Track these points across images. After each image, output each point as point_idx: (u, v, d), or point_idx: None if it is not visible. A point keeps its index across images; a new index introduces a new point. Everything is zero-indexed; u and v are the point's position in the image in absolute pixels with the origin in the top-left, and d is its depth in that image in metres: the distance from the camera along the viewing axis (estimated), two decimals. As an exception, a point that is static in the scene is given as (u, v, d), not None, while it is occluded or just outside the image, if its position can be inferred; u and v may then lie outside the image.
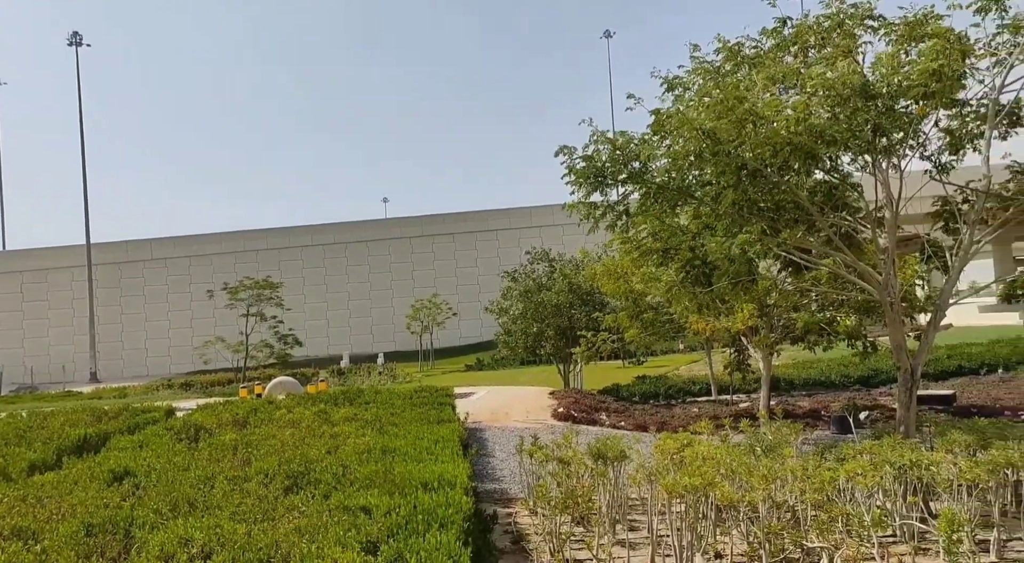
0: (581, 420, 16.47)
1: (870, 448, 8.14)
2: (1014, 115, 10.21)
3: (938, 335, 15.35)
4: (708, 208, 10.40)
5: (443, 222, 64.27)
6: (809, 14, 10.25)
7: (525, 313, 23.41)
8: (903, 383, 10.09)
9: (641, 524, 8.47)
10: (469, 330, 55.50)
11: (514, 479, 11.16)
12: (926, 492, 7.81)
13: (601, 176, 10.33)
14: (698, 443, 9.04)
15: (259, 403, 15.48)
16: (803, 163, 9.52)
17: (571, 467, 8.69)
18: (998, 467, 7.25)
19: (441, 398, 14.80)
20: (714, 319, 15.83)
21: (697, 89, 10.07)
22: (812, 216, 10.09)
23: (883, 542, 7.15)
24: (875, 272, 10.32)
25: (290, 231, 65.23)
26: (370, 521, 5.55)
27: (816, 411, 16.66)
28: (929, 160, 10.50)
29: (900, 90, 9.05)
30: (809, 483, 7.24)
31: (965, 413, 14.58)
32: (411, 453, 8.32)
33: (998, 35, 9.57)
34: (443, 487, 6.40)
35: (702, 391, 21.90)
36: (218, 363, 44.77)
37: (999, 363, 21.55)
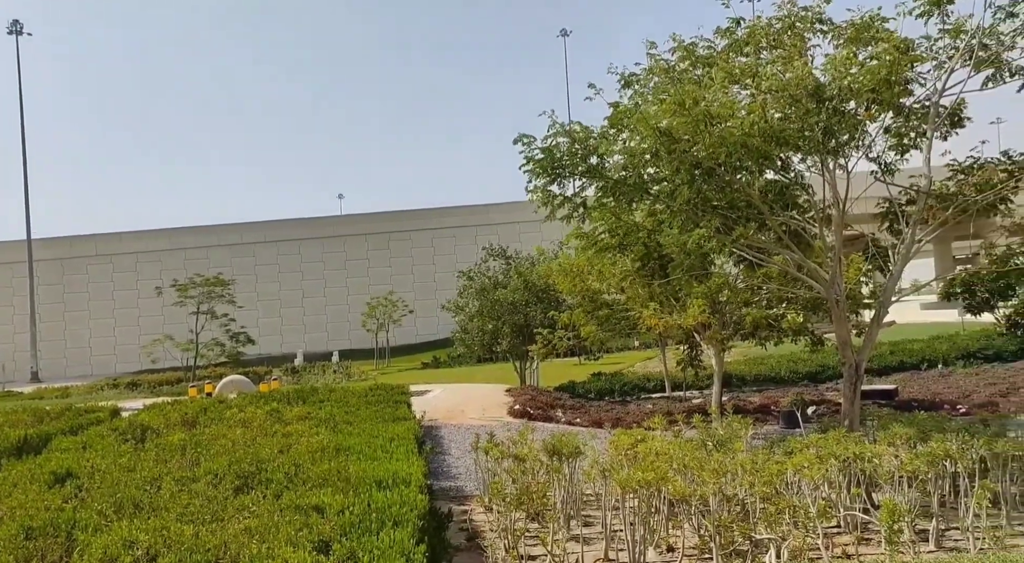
0: (537, 417, 16.54)
1: (816, 442, 8.34)
2: (955, 117, 10.58)
3: (881, 332, 15.82)
4: (663, 205, 10.54)
5: (400, 219, 63.84)
6: (762, 16, 10.47)
7: (481, 311, 23.40)
8: (848, 378, 10.38)
9: (596, 519, 8.55)
10: (426, 328, 55.27)
11: (470, 476, 11.15)
12: (869, 484, 8.04)
13: (559, 168, 10.38)
14: (652, 439, 9.16)
15: (209, 402, 15.15)
16: (756, 163, 9.72)
17: (526, 464, 8.73)
18: (937, 459, 7.50)
19: (397, 396, 14.66)
20: (667, 314, 16.05)
21: (653, 87, 10.19)
22: (763, 214, 10.31)
23: (828, 533, 7.34)
24: (822, 270, 10.58)
25: (242, 227, 64.03)
26: (323, 520, 5.47)
27: (766, 406, 17.02)
28: (875, 161, 10.81)
29: (849, 93, 9.30)
30: (758, 476, 7.39)
31: (906, 407, 15.06)
32: (366, 451, 8.23)
33: (939, 39, 9.91)
34: (398, 485, 6.35)
35: (656, 387, 22.19)
36: (167, 362, 43.78)
37: (938, 359, 22.30)
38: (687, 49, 10.47)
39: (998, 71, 9.94)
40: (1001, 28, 9.70)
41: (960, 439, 7.92)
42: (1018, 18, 9.56)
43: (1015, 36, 9.69)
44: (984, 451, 7.88)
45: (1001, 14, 9.63)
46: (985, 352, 22.41)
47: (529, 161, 10.47)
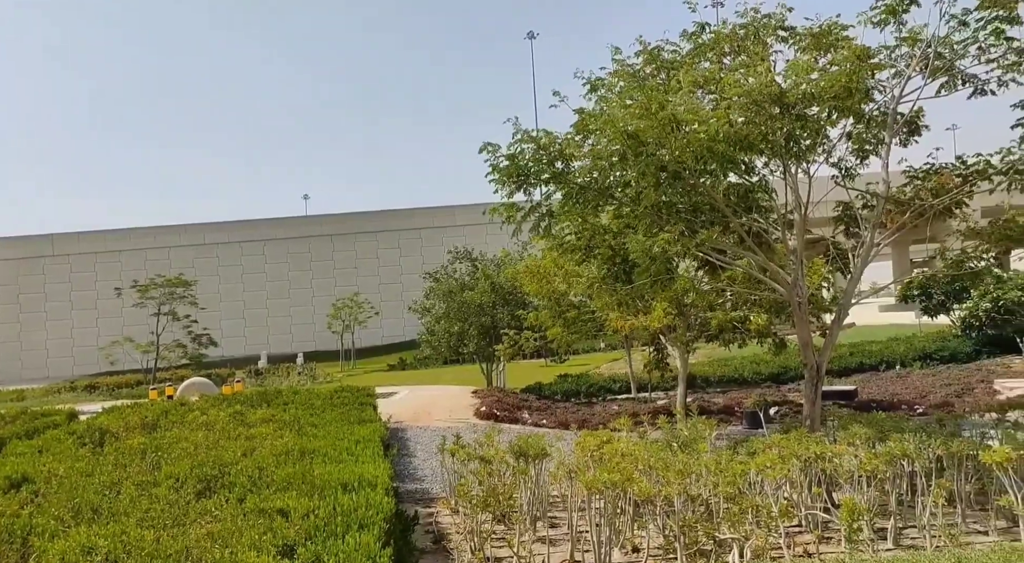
0: (504, 419, 16.54)
1: (779, 442, 8.48)
2: (913, 124, 10.86)
3: (842, 333, 16.12)
4: (629, 208, 10.63)
5: (366, 220, 63.39)
6: (726, 21, 10.62)
7: (448, 312, 23.36)
8: (809, 379, 10.57)
9: (562, 521, 8.58)
10: (392, 329, 54.94)
11: (436, 479, 11.11)
12: (829, 483, 8.20)
13: (524, 175, 10.40)
14: (617, 440, 9.22)
15: (170, 405, 14.89)
16: (721, 166, 9.85)
17: (493, 465, 8.73)
18: (895, 458, 7.68)
19: (362, 398, 14.59)
20: (633, 317, 16.19)
21: (619, 91, 10.27)
22: (727, 218, 10.45)
23: (790, 532, 7.47)
24: (785, 273, 10.77)
25: (205, 227, 63.02)
26: (287, 524, 5.42)
27: (730, 407, 17.25)
28: (836, 167, 11.04)
29: (811, 98, 9.48)
30: (722, 477, 7.49)
31: (866, 407, 15.37)
32: (331, 454, 8.17)
33: (897, 47, 10.16)
34: (363, 488, 6.31)
35: (622, 389, 22.34)
36: (126, 364, 42.91)
37: (896, 360, 22.82)
38: (652, 53, 10.58)
39: (951, 79, 10.23)
40: (954, 37, 9.99)
41: (917, 439, 8.11)
42: (970, 28, 9.85)
43: (967, 45, 9.98)
44: (940, 450, 8.08)
45: (955, 23, 9.91)
46: (941, 353, 23.00)
47: (494, 169, 10.48)
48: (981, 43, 9.94)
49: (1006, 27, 9.66)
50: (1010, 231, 10.72)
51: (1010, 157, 10.31)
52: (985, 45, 9.95)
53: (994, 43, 9.87)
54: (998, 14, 9.60)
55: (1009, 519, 7.44)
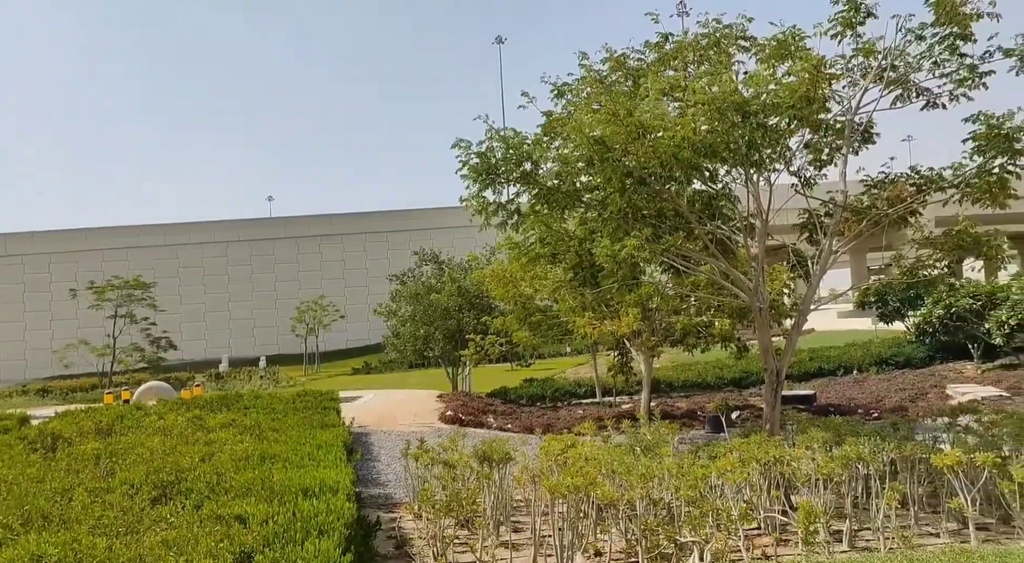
0: (469, 423, 16.50)
1: (739, 446, 8.59)
2: (866, 133, 11.11)
3: (801, 339, 16.37)
4: (595, 213, 10.71)
5: (332, 223, 62.84)
6: (689, 31, 10.77)
7: (414, 316, 23.23)
8: (769, 384, 10.73)
9: (525, 525, 8.58)
10: (357, 333, 54.51)
11: (399, 483, 11.04)
12: (788, 486, 8.33)
13: (494, 173, 10.43)
14: (581, 444, 9.26)
15: (127, 409, 14.57)
16: (686, 173, 9.97)
17: (457, 470, 8.70)
18: (850, 462, 7.83)
19: (326, 402, 14.43)
20: (599, 322, 16.28)
21: (586, 96, 10.35)
22: (691, 224, 10.58)
23: (749, 534, 7.56)
24: (746, 279, 10.93)
25: (165, 228, 61.89)
26: (245, 531, 5.33)
27: (693, 411, 17.44)
28: (795, 175, 11.25)
29: (771, 108, 9.65)
30: (684, 480, 7.57)
31: (824, 412, 15.67)
32: (292, 459, 8.07)
33: (853, 58, 10.40)
34: (325, 493, 6.24)
35: (587, 393, 22.45)
36: (82, 368, 41.86)
37: (854, 365, 23.31)
38: (618, 60, 10.68)
39: (906, 91, 10.49)
40: (909, 50, 10.25)
41: (872, 443, 8.29)
42: (925, 41, 10.12)
43: (921, 58, 10.25)
44: (894, 454, 8.27)
45: (910, 36, 10.18)
46: (896, 359, 23.55)
47: (465, 166, 10.49)
48: (936, 58, 10.22)
49: (960, 43, 9.95)
50: (962, 241, 11.02)
51: (962, 170, 10.60)
52: (939, 60, 10.22)
53: (948, 58, 10.15)
54: (952, 30, 9.88)
55: (959, 521, 7.64)
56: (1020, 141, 10.03)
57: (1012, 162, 10.17)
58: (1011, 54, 9.79)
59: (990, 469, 7.29)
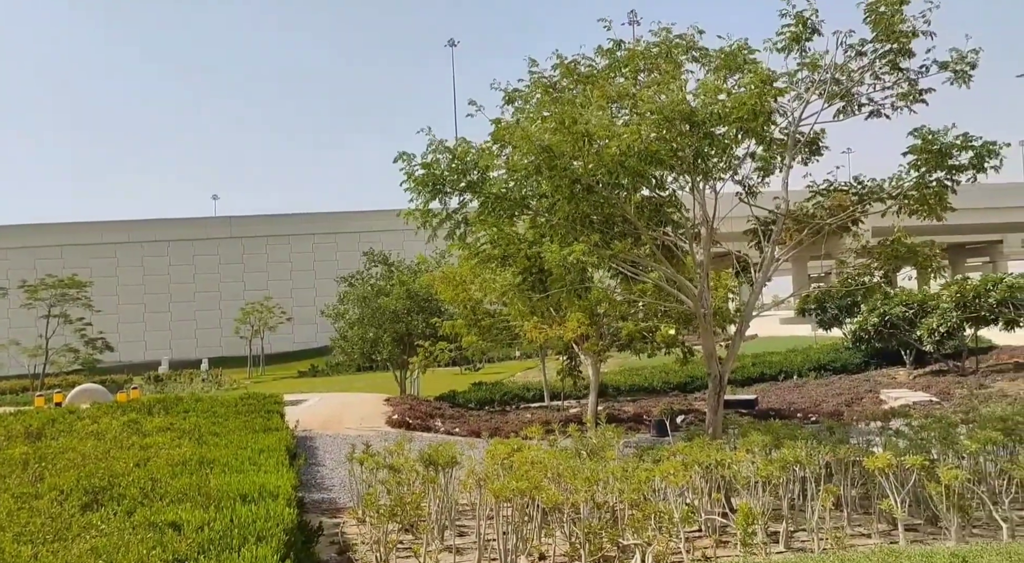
0: (416, 427, 16.38)
1: (682, 449, 8.72)
2: (814, 145, 11.43)
3: (744, 344, 16.70)
4: (544, 219, 10.76)
5: (279, 223, 61.73)
6: (641, 39, 10.91)
7: (362, 318, 22.97)
8: (713, 388, 10.93)
9: (471, 529, 8.55)
10: (304, 335, 53.65)
11: (344, 488, 10.89)
12: (728, 489, 8.49)
13: (440, 184, 10.39)
14: (528, 448, 9.27)
15: (58, 413, 14.04)
16: (633, 181, 10.10)
17: (402, 474, 8.62)
18: (788, 465, 8.02)
19: (269, 406, 14.13)
20: (548, 327, 16.35)
21: (536, 103, 10.40)
22: (639, 230, 10.72)
23: (690, 537, 7.68)
24: (692, 285, 11.12)
25: (102, 226, 59.90)
26: (179, 537, 5.18)
27: (639, 415, 17.64)
28: (741, 184, 11.50)
29: (719, 118, 9.86)
30: (628, 484, 7.64)
31: (765, 416, 16.04)
32: (232, 464, 7.88)
33: (799, 72, 10.70)
34: (264, 498, 6.11)
35: (536, 397, 22.53)
36: (11, 369, 40.27)
37: (794, 370, 23.94)
38: (568, 67, 10.76)
39: (849, 104, 10.84)
40: (851, 65, 10.60)
41: (808, 446, 8.51)
42: (866, 57, 10.48)
43: (863, 73, 10.61)
44: (829, 457, 8.51)
45: (851, 52, 10.53)
46: (834, 364, 24.28)
47: (409, 178, 10.42)
48: (876, 72, 10.59)
49: (900, 59, 10.32)
50: (897, 251, 11.43)
51: (901, 183, 10.99)
52: (880, 74, 10.60)
53: (888, 73, 10.53)
54: (892, 47, 10.25)
55: (890, 522, 7.90)
56: (953, 157, 10.46)
57: (950, 177, 10.59)
58: (946, 67, 10.21)
59: (919, 471, 7.55)
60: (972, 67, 10.15)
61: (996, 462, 8.57)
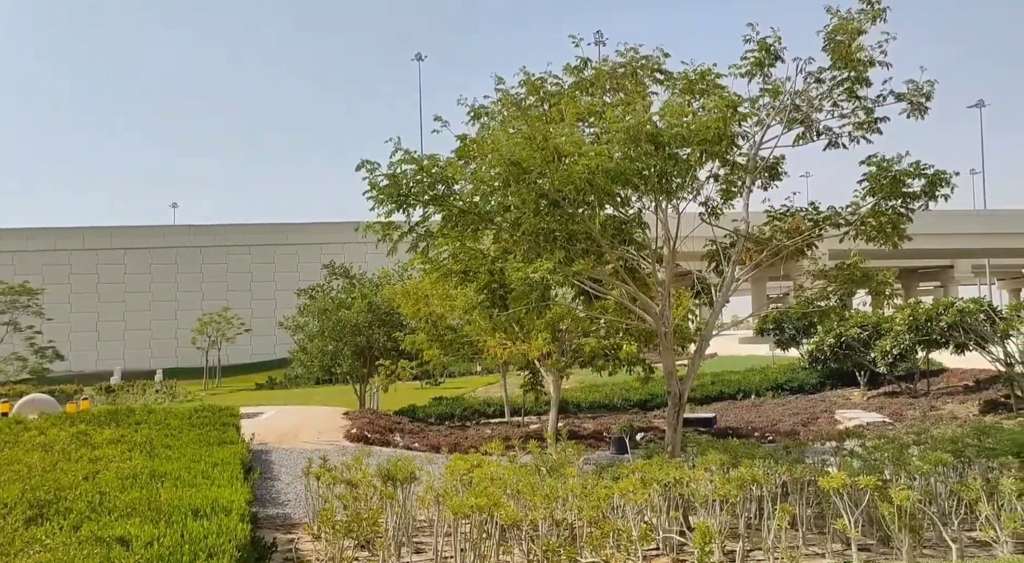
0: (375, 441, 16.19)
1: (641, 467, 8.76)
2: (774, 170, 11.67)
3: (704, 363, 16.89)
4: (508, 234, 10.77)
5: (240, 233, 60.84)
6: (608, 59, 11.05)
7: (322, 331, 22.71)
8: (672, 407, 11.02)
9: (428, 546, 8.45)
10: (262, 347, 52.79)
11: (300, 503, 10.69)
12: (686, 507, 8.54)
13: (404, 195, 10.33)
14: (487, 464, 9.22)
15: (4, 423, 13.58)
16: (599, 199, 10.19)
17: (359, 489, 8.50)
18: (745, 483, 8.10)
19: (225, 418, 13.86)
20: (512, 343, 16.35)
21: (503, 119, 10.44)
22: (602, 248, 10.80)
23: (647, 555, 7.70)
24: (654, 304, 11.22)
25: (56, 232, 58.41)
26: (127, 553, 5.03)
27: (599, 432, 17.70)
28: (704, 205, 11.68)
29: (683, 140, 10.02)
30: (587, 501, 7.64)
31: (723, 435, 16.20)
32: (184, 477, 7.70)
33: (760, 98, 10.94)
34: (217, 513, 5.98)
35: (496, 413, 22.46)
36: (-45, 377, 38.77)
37: (752, 390, 24.28)
38: (535, 85, 10.85)
39: (808, 130, 11.11)
40: (811, 92, 10.88)
41: (765, 465, 8.62)
42: (824, 84, 10.77)
43: (822, 100, 10.90)
44: (785, 476, 8.62)
45: (811, 79, 10.81)
46: (791, 384, 24.69)
47: (373, 187, 10.34)
48: (835, 99, 10.88)
49: (857, 87, 10.62)
50: (853, 275, 11.70)
51: (857, 209, 11.27)
52: (839, 101, 10.89)
53: (846, 101, 10.82)
54: (850, 75, 10.55)
55: (843, 542, 8.01)
56: (907, 185, 10.77)
57: (905, 205, 10.89)
58: (902, 98, 10.53)
59: (872, 492, 7.69)
60: (927, 98, 10.49)
61: (947, 483, 8.77)
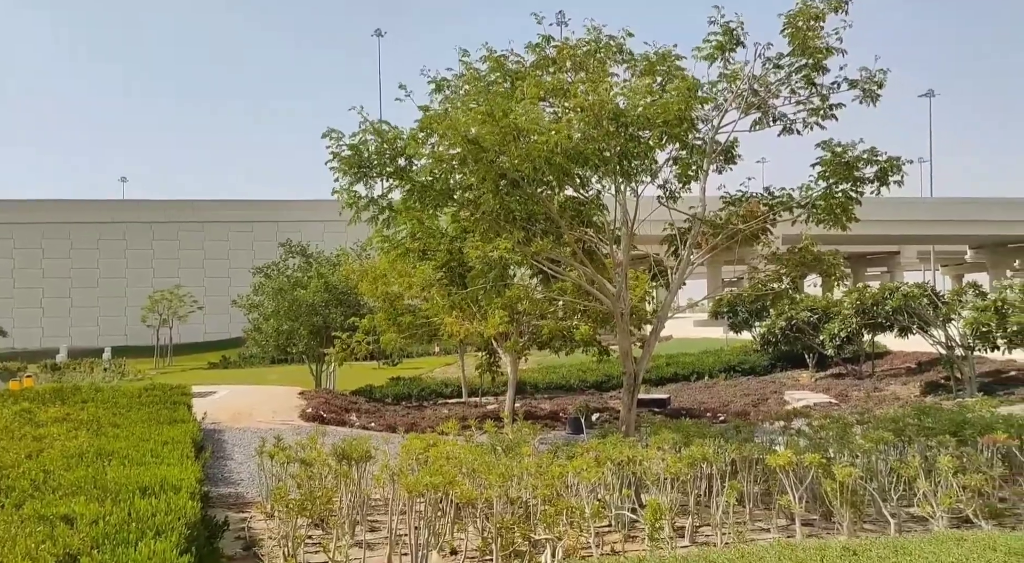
0: (331, 421, 16.08)
1: (596, 446, 8.87)
2: (728, 153, 11.82)
3: (659, 345, 17.12)
4: (468, 212, 10.74)
5: (192, 209, 59.47)
6: (570, 38, 11.01)
7: (277, 310, 22.39)
8: (627, 387, 11.17)
9: (383, 524, 8.45)
10: (216, 325, 51.90)
11: (253, 482, 10.58)
12: (638, 485, 8.69)
13: (367, 167, 10.23)
14: (443, 443, 9.23)
15: (-59, 401, 13.10)
16: (558, 178, 10.20)
17: (314, 468, 8.45)
18: (696, 462, 8.28)
19: (176, 397, 13.59)
20: (468, 322, 16.34)
21: (464, 94, 10.36)
22: (561, 229, 10.84)
23: (600, 532, 7.82)
24: (610, 285, 11.32)
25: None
26: (72, 531, 4.91)
27: (556, 413, 17.86)
28: (662, 188, 11.78)
29: (645, 121, 10.06)
30: (541, 479, 7.71)
31: (677, 415, 16.51)
32: (133, 456, 7.54)
33: (719, 82, 11.04)
34: (166, 492, 5.87)
35: (454, 393, 22.50)
36: None
37: (706, 371, 24.75)
38: (498, 61, 10.78)
39: (764, 116, 11.27)
40: (769, 77, 11.02)
41: (715, 444, 8.81)
42: (783, 70, 10.92)
43: (779, 86, 11.06)
44: (734, 455, 8.82)
45: (770, 65, 10.95)
46: (743, 366, 25.23)
47: (336, 157, 10.21)
48: (792, 86, 11.04)
49: (814, 74, 10.79)
50: (804, 258, 11.96)
51: (809, 193, 11.49)
52: (796, 88, 11.05)
53: (803, 87, 10.99)
54: (808, 62, 10.70)
55: (788, 517, 8.25)
56: (859, 170, 11.01)
57: (855, 189, 11.13)
58: (855, 85, 10.74)
59: (816, 469, 7.92)
60: (879, 86, 10.72)
61: (887, 461, 9.08)
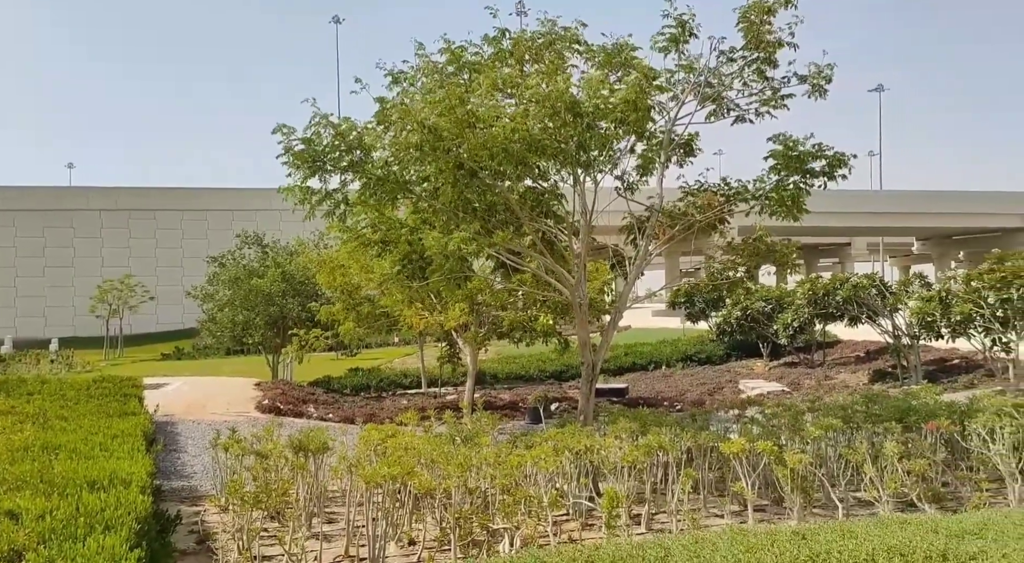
0: (287, 412, 15.90)
1: (554, 436, 8.93)
2: (688, 146, 11.96)
3: (618, 335, 17.28)
4: (427, 203, 10.68)
5: (143, 196, 58.01)
6: (526, 30, 11.01)
7: (233, 300, 22.00)
8: (586, 377, 11.28)
9: (340, 516, 8.40)
10: (169, 316, 50.82)
11: (207, 476, 10.42)
12: (596, 473, 8.79)
13: (320, 161, 10.07)
14: (402, 434, 9.21)
15: None
16: (516, 169, 10.20)
17: (270, 461, 8.35)
18: (652, 450, 8.39)
19: (126, 389, 13.28)
20: (428, 314, 16.28)
21: (421, 85, 10.28)
22: (520, 220, 10.85)
23: (558, 520, 7.89)
24: (570, 276, 11.38)
25: (-62, 190, 54.18)
26: (16, 527, 4.78)
27: (515, 403, 17.93)
28: (620, 179, 11.88)
29: (601, 112, 10.12)
30: (500, 469, 7.73)
31: (634, 404, 16.70)
32: (81, 449, 7.36)
33: (676, 73, 11.16)
34: (115, 486, 5.75)
35: (413, 384, 22.42)
36: None
37: (663, 361, 25.08)
38: (455, 53, 10.71)
39: (719, 107, 11.43)
40: (723, 70, 11.18)
41: (671, 432, 8.94)
42: (736, 63, 11.09)
43: (733, 78, 11.23)
44: (690, 442, 8.97)
45: (723, 58, 11.11)
46: (699, 355, 25.63)
47: (288, 152, 10.01)
48: (745, 79, 11.22)
49: (765, 68, 10.98)
50: (758, 249, 12.19)
51: (762, 185, 11.71)
52: (748, 81, 11.23)
53: (755, 80, 11.18)
54: (760, 55, 10.88)
55: (741, 503, 8.43)
56: (809, 164, 11.26)
57: (804, 181, 11.39)
58: (805, 80, 10.97)
59: (768, 456, 8.10)
60: (828, 81, 10.96)
61: (836, 447, 9.32)
